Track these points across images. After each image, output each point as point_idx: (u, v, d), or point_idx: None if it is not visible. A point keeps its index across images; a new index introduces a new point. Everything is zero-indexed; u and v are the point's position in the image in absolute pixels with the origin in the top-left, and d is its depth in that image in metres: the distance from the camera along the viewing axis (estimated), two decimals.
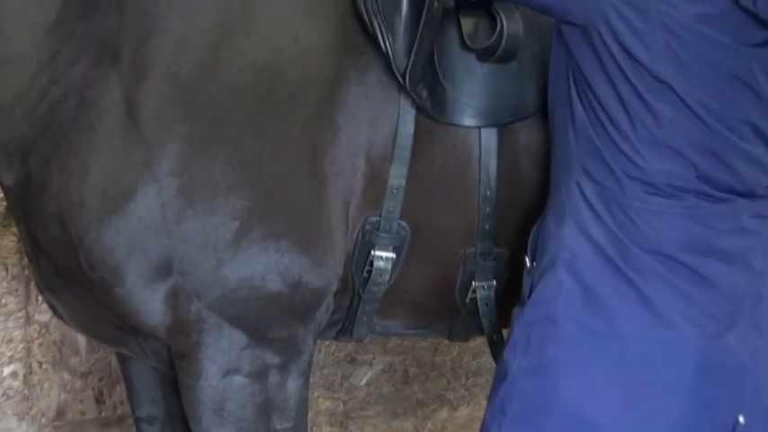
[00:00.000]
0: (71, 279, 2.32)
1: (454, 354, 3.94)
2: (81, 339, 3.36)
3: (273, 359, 2.32)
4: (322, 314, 2.39)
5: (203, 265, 2.22)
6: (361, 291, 2.42)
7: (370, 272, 2.38)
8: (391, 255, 2.37)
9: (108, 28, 2.22)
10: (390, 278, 2.40)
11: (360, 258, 2.38)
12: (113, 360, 3.29)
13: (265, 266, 2.25)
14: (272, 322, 2.30)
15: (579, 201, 2.14)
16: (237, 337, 2.28)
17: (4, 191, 2.39)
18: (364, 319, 2.48)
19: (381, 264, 2.36)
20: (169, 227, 2.20)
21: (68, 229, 2.23)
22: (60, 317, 2.52)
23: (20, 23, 2.18)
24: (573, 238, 2.14)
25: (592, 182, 2.12)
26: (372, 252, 2.36)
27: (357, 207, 2.35)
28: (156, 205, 2.19)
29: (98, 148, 2.20)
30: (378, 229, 2.35)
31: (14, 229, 2.99)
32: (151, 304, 2.25)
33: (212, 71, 2.23)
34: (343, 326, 2.53)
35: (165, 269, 2.22)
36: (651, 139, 2.05)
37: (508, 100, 2.39)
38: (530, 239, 2.28)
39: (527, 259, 2.27)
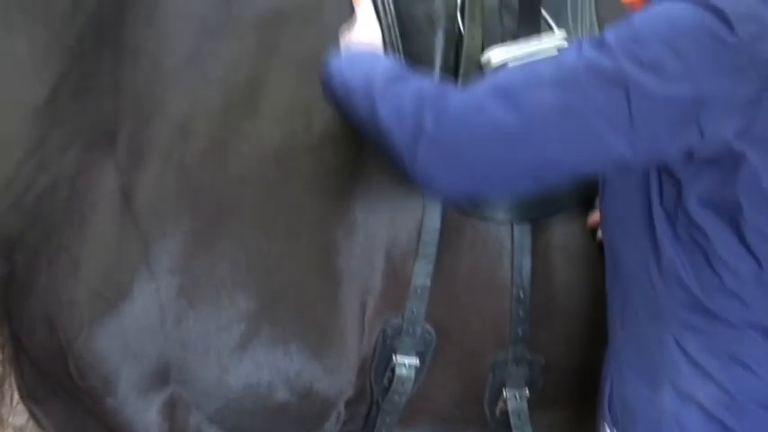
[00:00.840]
0: (58, 386, 2.22)
1: None
2: None
3: None
4: (331, 425, 2.29)
5: (205, 372, 2.13)
6: (380, 400, 2.31)
7: (391, 380, 2.27)
8: (415, 361, 2.26)
9: (103, 110, 2.12)
10: (413, 387, 2.28)
11: (380, 365, 2.27)
12: None
13: (273, 373, 2.16)
14: None
15: (679, 359, 1.89)
16: None
17: None
18: (383, 430, 2.36)
19: (404, 371, 2.26)
20: (168, 330, 2.10)
21: (56, 331, 2.13)
22: (42, 427, 2.41)
23: (6, 105, 2.05)
24: (676, 405, 1.89)
25: (696, 334, 1.88)
26: (394, 358, 2.25)
27: (376, 308, 2.24)
28: (153, 306, 2.09)
29: (90, 243, 2.10)
30: (400, 333, 2.25)
31: None
32: (146, 415, 2.16)
33: (218, 159, 2.13)
34: None
35: (161, 377, 2.12)
36: None
37: (543, 193, 2.23)
38: (602, 401, 2.05)
39: (606, 429, 2.03)
